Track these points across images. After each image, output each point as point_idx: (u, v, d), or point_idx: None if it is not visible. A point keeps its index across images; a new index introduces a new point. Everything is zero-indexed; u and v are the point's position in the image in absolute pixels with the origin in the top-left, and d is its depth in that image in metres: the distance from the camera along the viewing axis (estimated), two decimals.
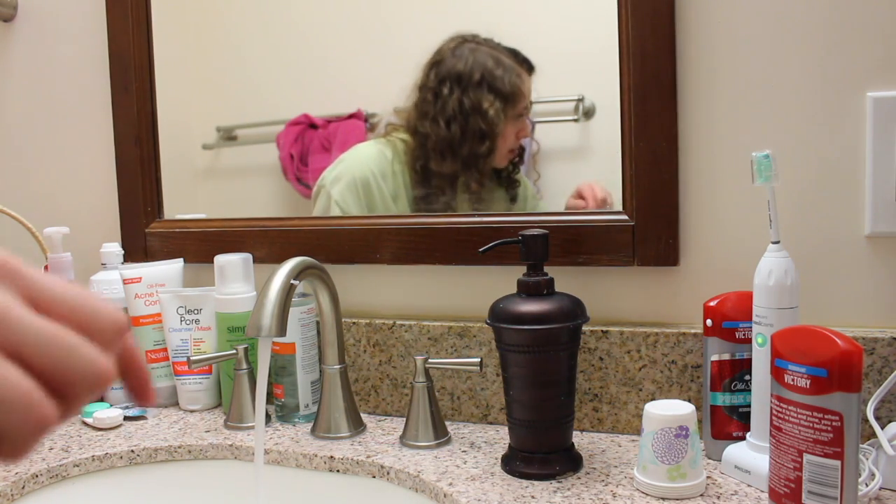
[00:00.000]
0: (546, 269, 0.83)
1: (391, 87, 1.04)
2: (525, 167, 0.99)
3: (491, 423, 0.98)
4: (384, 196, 1.04)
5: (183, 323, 1.06)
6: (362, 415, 1.01)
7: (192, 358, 0.99)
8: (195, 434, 0.97)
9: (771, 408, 0.70)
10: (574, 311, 0.81)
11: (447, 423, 0.96)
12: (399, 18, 1.04)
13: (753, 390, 0.77)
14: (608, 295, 0.94)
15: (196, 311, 1.06)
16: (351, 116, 1.07)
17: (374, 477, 0.87)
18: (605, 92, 0.91)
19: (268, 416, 1.01)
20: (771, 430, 0.70)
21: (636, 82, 0.88)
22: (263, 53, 1.12)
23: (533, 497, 0.76)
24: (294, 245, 1.07)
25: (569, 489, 0.78)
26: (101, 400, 1.09)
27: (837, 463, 0.65)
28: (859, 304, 0.84)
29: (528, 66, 0.97)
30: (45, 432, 0.29)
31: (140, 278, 1.08)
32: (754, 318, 0.76)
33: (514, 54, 0.97)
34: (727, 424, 0.82)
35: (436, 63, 0.99)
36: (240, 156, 1.16)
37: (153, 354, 1.08)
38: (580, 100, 0.95)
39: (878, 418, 0.79)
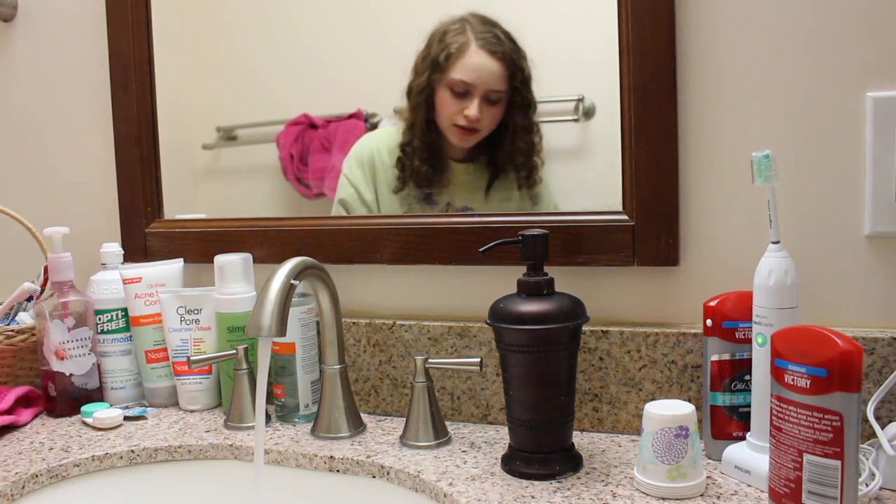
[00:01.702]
0: (546, 269, 0.83)
1: (391, 87, 1.04)
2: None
3: (491, 423, 0.98)
4: (387, 172, 1.05)
5: (183, 323, 1.06)
6: (362, 415, 1.01)
7: (192, 358, 0.99)
8: (195, 434, 0.97)
9: (771, 408, 0.70)
10: (574, 311, 0.81)
11: (447, 423, 0.96)
12: (399, 19, 1.04)
13: (753, 390, 0.77)
14: (608, 295, 0.93)
15: (196, 311, 1.06)
16: (351, 116, 1.07)
17: (374, 477, 0.87)
18: (605, 92, 0.91)
19: (268, 416, 1.01)
20: (771, 430, 0.70)
21: (636, 82, 0.88)
22: (263, 53, 1.12)
23: (533, 497, 0.76)
24: (294, 245, 1.07)
25: (569, 489, 0.78)
26: (102, 400, 1.09)
27: (837, 463, 0.65)
28: (859, 304, 0.84)
29: (503, 56, 0.96)
30: None
31: (140, 278, 1.08)
32: (754, 318, 0.76)
33: (497, 38, 0.97)
34: (727, 424, 0.82)
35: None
36: (240, 156, 1.16)
37: (153, 354, 1.08)
38: (580, 100, 0.95)
39: (878, 418, 0.79)
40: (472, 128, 0.99)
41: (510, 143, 0.99)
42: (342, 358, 0.95)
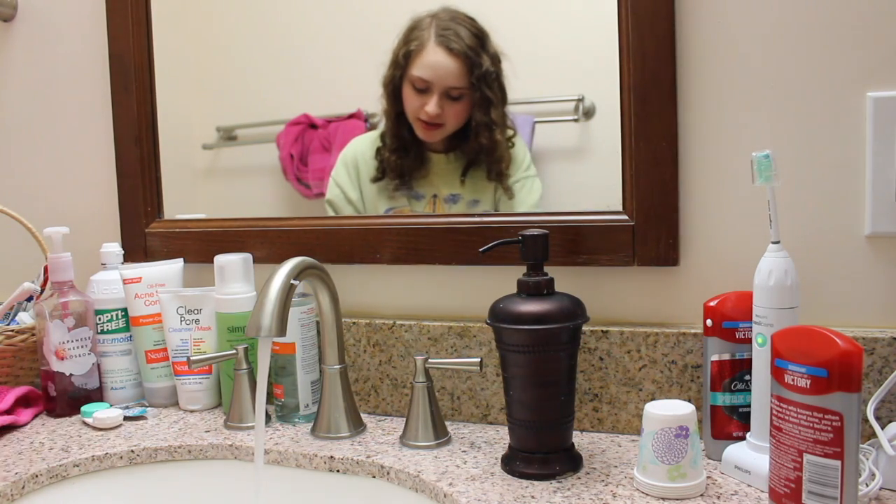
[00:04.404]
0: (546, 269, 0.83)
1: None
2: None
3: (491, 423, 0.98)
4: (368, 166, 1.06)
5: (183, 323, 1.06)
6: (362, 415, 1.01)
7: (192, 358, 0.99)
8: (195, 434, 0.97)
9: (771, 408, 0.70)
10: (574, 311, 0.81)
11: (447, 423, 0.96)
12: (398, 19, 1.04)
13: (753, 390, 0.77)
14: (608, 295, 0.94)
15: (196, 311, 1.06)
16: (351, 116, 1.07)
17: (374, 477, 0.87)
18: (605, 92, 0.91)
19: (268, 416, 1.01)
20: (771, 430, 0.70)
21: (636, 82, 0.88)
22: (263, 54, 1.12)
23: (533, 497, 0.76)
24: (294, 245, 1.07)
25: (569, 489, 0.78)
26: (102, 400, 1.09)
27: (837, 463, 0.65)
28: (859, 304, 0.84)
29: (459, 53, 0.98)
30: None
31: (140, 278, 1.08)
32: (754, 318, 0.76)
33: (457, 35, 0.98)
34: (727, 424, 0.82)
35: None
36: (240, 156, 1.16)
37: (153, 354, 1.08)
38: (580, 100, 0.95)
39: (878, 418, 0.79)
40: (434, 123, 1.01)
41: (473, 138, 1.00)
42: (342, 358, 0.95)
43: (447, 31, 0.98)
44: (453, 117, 1.00)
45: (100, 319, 1.09)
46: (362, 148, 1.07)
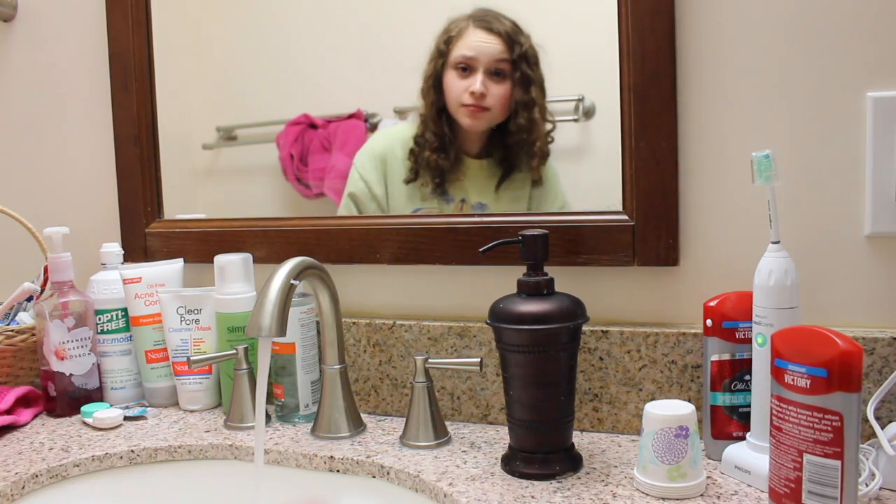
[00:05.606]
0: (546, 269, 0.83)
1: (391, 87, 1.04)
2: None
3: (491, 423, 0.98)
4: (398, 165, 1.05)
5: (183, 323, 1.06)
6: (362, 415, 1.01)
7: (192, 358, 0.99)
8: (195, 434, 0.97)
9: (771, 408, 0.70)
10: (574, 311, 0.81)
11: (447, 423, 0.96)
12: (399, 19, 1.04)
13: (753, 390, 0.77)
14: (608, 295, 0.94)
15: (196, 311, 1.06)
16: (351, 116, 1.07)
17: (374, 477, 0.87)
18: (605, 92, 0.91)
19: (268, 416, 1.01)
20: (771, 430, 0.70)
21: (636, 82, 0.88)
22: (263, 54, 1.12)
23: (533, 497, 0.76)
24: (294, 245, 1.07)
25: (569, 489, 0.78)
26: (102, 400, 1.09)
27: (837, 463, 0.65)
28: (859, 304, 0.84)
29: (500, 32, 0.98)
30: None
31: (140, 278, 1.08)
32: (754, 318, 0.76)
33: (496, 17, 0.98)
34: (727, 424, 0.82)
35: None
36: (240, 156, 1.16)
37: (153, 354, 1.08)
38: (580, 100, 0.95)
39: (878, 418, 0.79)
40: (480, 105, 1.00)
41: (513, 121, 0.99)
42: (342, 358, 0.95)
43: (486, 17, 0.99)
44: (497, 100, 0.99)
45: (100, 319, 1.09)
46: (391, 145, 1.06)
